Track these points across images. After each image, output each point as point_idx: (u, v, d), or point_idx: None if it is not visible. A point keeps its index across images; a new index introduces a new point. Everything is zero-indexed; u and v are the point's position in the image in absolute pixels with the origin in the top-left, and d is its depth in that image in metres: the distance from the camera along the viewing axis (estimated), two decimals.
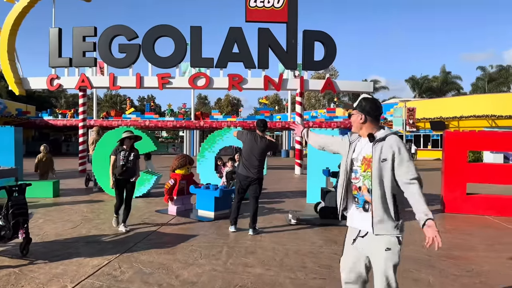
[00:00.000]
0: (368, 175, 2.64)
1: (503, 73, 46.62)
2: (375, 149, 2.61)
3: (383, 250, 2.53)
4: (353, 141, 2.81)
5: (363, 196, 2.67)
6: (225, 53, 15.85)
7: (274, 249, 5.18)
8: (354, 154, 2.76)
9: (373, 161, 2.60)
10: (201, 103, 76.16)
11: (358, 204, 2.70)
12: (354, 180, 2.74)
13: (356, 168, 2.73)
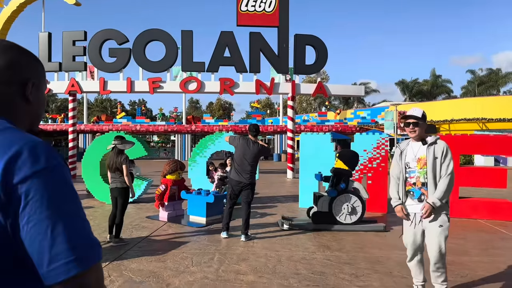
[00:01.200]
0: (423, 171, 3.49)
1: (492, 76, 47.22)
2: (429, 151, 3.48)
3: (437, 227, 3.43)
4: (403, 149, 3.68)
5: (419, 189, 3.51)
6: (216, 57, 15.81)
7: (267, 256, 5.12)
8: (407, 158, 3.62)
9: (428, 160, 3.46)
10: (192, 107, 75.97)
11: (414, 196, 3.54)
12: (410, 179, 3.58)
13: (413, 168, 3.56)
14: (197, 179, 9.11)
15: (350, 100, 53.60)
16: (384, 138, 8.53)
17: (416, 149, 3.58)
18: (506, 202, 7.59)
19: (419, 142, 3.58)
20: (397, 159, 3.71)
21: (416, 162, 3.53)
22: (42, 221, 0.83)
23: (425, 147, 3.51)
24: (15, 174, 0.83)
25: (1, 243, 0.84)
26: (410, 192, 3.58)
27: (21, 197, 0.83)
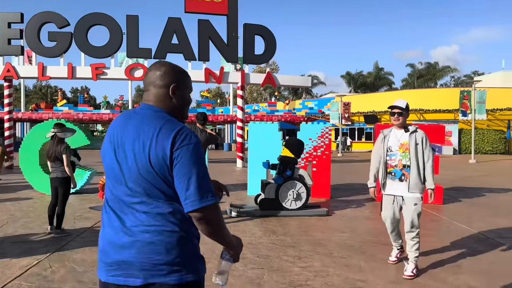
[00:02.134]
0: (406, 155, 4.05)
1: (430, 69, 50.27)
2: (411, 138, 4.05)
3: (412, 205, 4.01)
4: (387, 135, 4.22)
5: (400, 170, 4.06)
6: (163, 44, 15.45)
7: (214, 242, 5.15)
8: (389, 143, 4.16)
9: (410, 146, 4.03)
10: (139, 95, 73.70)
11: (394, 176, 4.09)
12: (390, 161, 4.13)
13: (394, 152, 4.11)
14: None
15: (299, 91, 54.70)
16: (328, 128, 8.87)
17: (399, 136, 4.14)
18: (437, 186, 8.20)
19: (401, 130, 4.15)
20: (378, 144, 4.27)
21: (399, 147, 4.09)
22: (183, 174, 1.45)
23: (407, 134, 4.09)
24: (175, 144, 1.46)
25: (170, 181, 1.49)
26: (391, 173, 4.12)
27: (176, 157, 1.46)
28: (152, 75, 1.62)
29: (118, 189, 1.56)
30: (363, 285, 3.76)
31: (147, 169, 1.48)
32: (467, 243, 5.16)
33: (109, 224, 1.57)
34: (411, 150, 4.02)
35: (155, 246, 1.48)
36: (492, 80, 35.40)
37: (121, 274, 1.50)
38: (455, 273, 4.05)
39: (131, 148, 1.52)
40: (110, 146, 1.59)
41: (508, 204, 7.91)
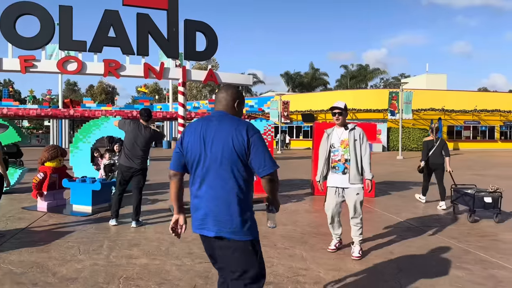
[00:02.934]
0: (347, 150, 4.48)
1: (362, 71, 53.02)
2: (350, 134, 4.48)
3: (355, 194, 4.45)
4: (330, 133, 4.67)
5: (343, 164, 4.48)
6: (99, 37, 14.73)
7: (159, 239, 5.18)
8: (332, 140, 4.58)
9: (350, 142, 4.46)
10: (70, 89, 69.62)
11: (338, 170, 4.50)
12: (334, 157, 4.55)
13: (337, 148, 4.53)
14: (80, 167, 8.57)
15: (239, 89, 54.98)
16: (271, 125, 9.13)
17: (340, 133, 4.58)
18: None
19: (342, 128, 4.59)
20: (323, 142, 4.69)
21: (340, 144, 4.53)
22: (258, 152, 2.21)
23: (347, 132, 4.53)
24: (248, 133, 2.23)
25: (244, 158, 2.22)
26: (335, 167, 4.54)
27: (252, 142, 2.22)
28: (225, 93, 2.46)
29: (204, 171, 2.29)
30: (306, 273, 3.99)
31: (231, 151, 2.21)
32: (397, 232, 5.64)
33: (196, 195, 2.35)
34: (350, 146, 4.45)
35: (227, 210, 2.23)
36: (417, 82, 38.31)
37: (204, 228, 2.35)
38: (388, 258, 4.44)
39: (217, 138, 2.26)
40: (196, 137, 2.32)
41: (430, 196, 8.70)
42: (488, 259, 4.42)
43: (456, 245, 4.96)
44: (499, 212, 6.32)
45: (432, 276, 3.91)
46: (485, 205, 6.28)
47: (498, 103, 31.76)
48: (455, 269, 4.11)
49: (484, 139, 32.64)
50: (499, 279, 3.84)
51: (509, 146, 32.28)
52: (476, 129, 32.62)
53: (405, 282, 3.76)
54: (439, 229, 5.77)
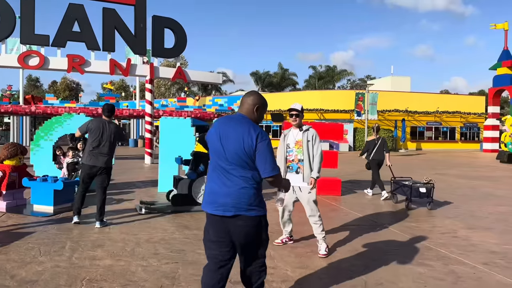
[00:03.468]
0: (300, 150, 4.66)
1: (330, 72, 53.88)
2: (304, 135, 4.66)
3: (307, 193, 4.62)
4: (286, 134, 4.84)
5: (296, 164, 4.67)
6: (63, 31, 14.28)
7: (125, 240, 5.05)
8: (288, 141, 4.76)
9: (303, 142, 4.64)
10: (31, 85, 66.86)
11: (292, 170, 4.69)
12: (288, 157, 4.73)
13: (291, 148, 4.71)
14: (41, 165, 8.23)
15: (209, 87, 54.61)
16: None
17: (295, 134, 4.74)
18: (336, 179, 8.97)
19: (297, 129, 4.74)
20: (281, 142, 4.83)
21: (295, 144, 4.71)
22: (262, 157, 2.59)
23: (301, 133, 4.69)
24: (258, 138, 2.59)
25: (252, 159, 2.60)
26: (289, 167, 4.73)
27: (258, 147, 2.59)
28: (247, 98, 2.80)
29: (221, 161, 2.67)
30: (274, 272, 4.00)
31: (241, 150, 2.59)
32: (362, 229, 5.76)
33: (215, 181, 2.70)
34: (304, 146, 4.63)
35: (241, 194, 2.62)
36: (383, 84, 39.37)
37: (221, 209, 2.63)
38: (353, 256, 4.53)
39: (232, 137, 2.64)
40: (216, 135, 2.71)
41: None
42: (448, 255, 4.59)
43: (419, 242, 5.12)
44: (431, 200, 7.30)
45: (396, 272, 4.02)
46: (420, 195, 7.26)
47: (458, 105, 33.17)
48: (417, 265, 4.24)
49: (446, 140, 33.98)
50: (458, 274, 4.00)
51: (469, 147, 33.78)
52: (438, 130, 33.91)
53: (370, 279, 3.84)
54: (403, 227, 5.95)
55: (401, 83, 39.46)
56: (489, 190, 9.90)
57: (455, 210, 7.31)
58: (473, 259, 4.45)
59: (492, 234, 5.57)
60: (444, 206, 7.65)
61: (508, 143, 19.26)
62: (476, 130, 34.45)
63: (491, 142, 27.94)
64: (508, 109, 34.98)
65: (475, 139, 34.47)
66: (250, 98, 2.79)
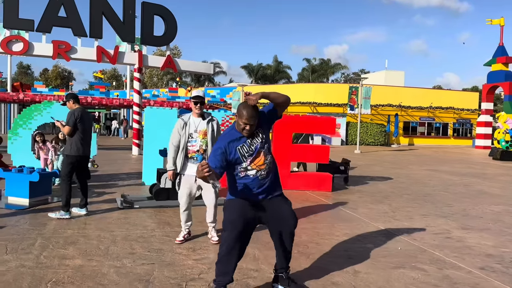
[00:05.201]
0: (205, 141, 4.55)
1: (323, 65, 53.55)
2: (209, 125, 4.57)
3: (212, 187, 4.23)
4: (186, 122, 4.57)
5: (201, 155, 4.54)
6: (49, 16, 13.76)
7: (100, 237, 4.73)
8: (190, 130, 4.54)
9: (208, 132, 4.54)
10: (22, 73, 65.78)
11: (197, 160, 4.50)
12: (192, 147, 4.53)
13: (195, 138, 4.52)
14: (19, 155, 7.84)
15: (202, 78, 54.03)
16: (229, 116, 8.79)
17: (197, 123, 4.57)
18: (328, 175, 8.69)
19: (199, 118, 4.59)
20: (179, 129, 4.56)
21: (198, 133, 4.53)
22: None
23: (205, 122, 4.57)
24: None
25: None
26: (193, 158, 4.54)
27: None
28: None
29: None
30: (257, 275, 3.73)
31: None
32: (353, 228, 5.50)
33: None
34: (209, 136, 4.53)
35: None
36: (376, 78, 39.13)
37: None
38: (343, 258, 4.26)
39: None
40: None
41: (384, 192, 8.74)
42: (442, 258, 4.34)
43: (412, 243, 4.87)
44: (347, 175, 9.44)
45: (388, 277, 3.76)
46: (340, 171, 9.37)
47: (452, 101, 33.05)
48: (410, 269, 3.98)
49: (438, 136, 33.92)
50: (454, 280, 3.75)
51: (461, 143, 33.76)
52: (431, 125, 33.82)
53: (359, 284, 3.58)
54: (395, 226, 5.70)
55: (395, 78, 39.28)
56: (483, 188, 9.71)
57: (448, 208, 7.09)
58: (469, 263, 4.21)
59: (487, 236, 5.33)
60: (436, 204, 7.42)
61: (501, 139, 19.15)
62: (469, 127, 34.43)
63: (484, 139, 27.90)
64: (501, 105, 35.02)
65: (468, 135, 34.46)
66: None
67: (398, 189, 9.05)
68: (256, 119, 3.13)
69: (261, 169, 3.22)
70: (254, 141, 3.22)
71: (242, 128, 3.15)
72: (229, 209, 3.23)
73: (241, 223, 3.11)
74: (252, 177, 3.21)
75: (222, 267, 3.13)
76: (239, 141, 3.18)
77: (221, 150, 3.15)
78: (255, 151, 3.21)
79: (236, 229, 3.08)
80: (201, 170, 2.80)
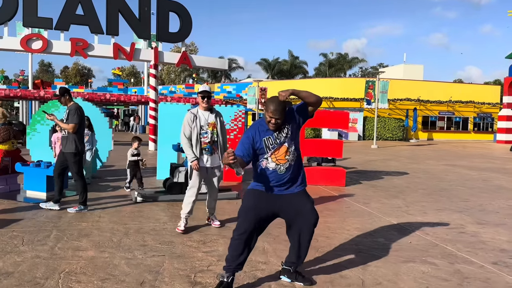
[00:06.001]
0: (214, 132, 4.85)
1: (341, 60, 53.03)
2: (217, 118, 4.90)
3: (218, 172, 4.95)
4: (196, 115, 4.83)
5: (211, 145, 4.83)
6: (66, 14, 14.03)
7: (113, 229, 4.83)
8: (201, 122, 4.80)
9: (217, 124, 4.87)
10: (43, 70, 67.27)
11: (208, 152, 4.82)
12: (204, 139, 4.80)
13: (205, 130, 4.79)
14: (37, 150, 8.04)
15: (218, 74, 54.22)
16: (241, 111, 8.81)
17: (206, 116, 4.85)
18: (341, 169, 8.64)
19: (207, 111, 4.87)
20: (189, 122, 4.77)
21: (208, 126, 4.80)
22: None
23: (213, 115, 4.87)
24: None
25: None
26: (205, 149, 4.81)
27: None
28: None
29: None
30: (265, 267, 3.75)
31: None
32: (365, 223, 5.46)
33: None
34: (218, 128, 4.86)
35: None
36: (394, 72, 38.50)
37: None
38: (353, 251, 4.24)
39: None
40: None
41: (399, 187, 8.62)
42: (454, 253, 4.28)
43: (424, 238, 4.81)
44: (334, 163, 10.02)
45: (397, 271, 3.73)
46: (328, 160, 9.77)
47: (472, 94, 32.28)
48: (420, 263, 3.94)
49: (458, 130, 33.21)
50: (465, 274, 3.69)
51: (482, 137, 32.98)
52: (451, 120, 33.14)
53: (368, 278, 3.56)
54: (408, 221, 5.63)
55: (413, 72, 38.55)
56: (502, 183, 9.48)
57: (464, 203, 6.96)
58: (482, 258, 4.14)
59: (503, 231, 5.22)
60: (452, 199, 7.29)
61: None
62: (490, 121, 33.59)
63: (506, 133, 27.19)
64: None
65: (489, 129, 33.63)
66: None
67: (413, 184, 8.93)
68: (281, 114, 3.15)
69: (281, 164, 3.24)
70: (280, 135, 3.25)
71: (268, 121, 3.20)
72: (247, 197, 3.34)
73: (255, 212, 3.20)
74: (272, 169, 3.25)
75: (232, 251, 3.21)
76: (266, 132, 3.25)
77: (249, 138, 3.23)
78: (279, 144, 3.24)
79: (249, 216, 3.19)
80: (227, 157, 2.84)
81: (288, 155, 3.26)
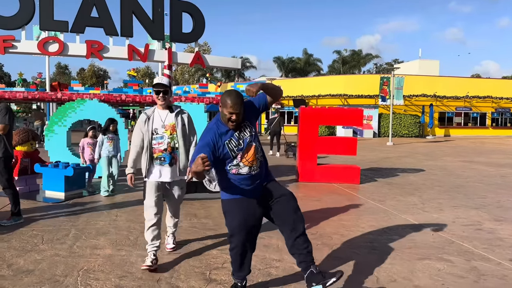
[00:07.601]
0: (174, 137, 3.72)
1: (355, 57, 52.52)
2: (177, 119, 3.75)
3: (180, 188, 3.91)
4: (150, 116, 3.72)
5: (170, 154, 3.71)
6: (82, 17, 14.25)
7: (130, 228, 4.92)
8: (154, 125, 3.70)
9: (177, 127, 3.72)
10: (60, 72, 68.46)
11: (165, 161, 3.70)
12: (158, 145, 3.69)
13: (161, 134, 3.68)
14: (55, 151, 8.22)
15: (232, 73, 54.35)
16: None
17: (163, 117, 3.75)
18: (355, 167, 8.59)
19: (166, 110, 3.78)
20: (141, 127, 3.71)
21: (165, 129, 3.72)
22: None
23: (173, 115, 3.77)
24: None
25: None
26: (160, 159, 3.71)
27: None
28: None
29: None
30: (279, 265, 3.77)
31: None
32: (380, 220, 5.43)
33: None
34: (178, 132, 3.74)
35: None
36: (410, 67, 37.96)
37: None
38: (368, 249, 4.23)
39: None
40: None
41: (415, 184, 8.53)
42: (470, 250, 4.22)
43: (440, 235, 4.76)
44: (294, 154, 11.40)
45: (412, 268, 3.71)
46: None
47: (490, 89, 31.62)
48: (436, 260, 3.90)
49: (476, 126, 32.60)
50: (481, 271, 3.65)
51: (500, 133, 32.30)
52: (468, 115, 32.55)
53: (383, 275, 3.55)
54: (423, 218, 5.58)
55: (429, 67, 37.93)
56: None
57: (481, 200, 6.85)
58: (499, 255, 4.08)
59: None
60: (469, 196, 7.18)
61: None
62: (508, 116, 32.87)
63: None
64: None
65: (507, 125, 32.91)
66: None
67: (429, 181, 8.82)
68: (241, 107, 2.82)
69: (254, 165, 2.94)
70: (242, 135, 2.92)
71: (228, 118, 2.83)
72: (231, 212, 2.98)
73: (247, 224, 2.91)
74: (246, 174, 2.93)
75: (237, 266, 3.08)
76: (226, 134, 2.88)
77: (209, 145, 2.81)
78: (244, 145, 2.91)
79: (243, 231, 2.91)
80: (201, 163, 2.43)
81: (258, 153, 2.98)
